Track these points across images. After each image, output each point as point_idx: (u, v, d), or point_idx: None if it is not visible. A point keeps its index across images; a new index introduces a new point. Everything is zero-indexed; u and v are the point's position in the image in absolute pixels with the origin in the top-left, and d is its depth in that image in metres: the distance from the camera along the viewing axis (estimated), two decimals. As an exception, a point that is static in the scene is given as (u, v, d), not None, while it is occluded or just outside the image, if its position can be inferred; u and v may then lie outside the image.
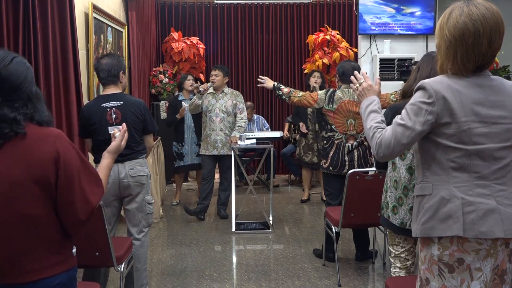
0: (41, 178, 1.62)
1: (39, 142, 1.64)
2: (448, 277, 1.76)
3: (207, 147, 5.36)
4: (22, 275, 1.64)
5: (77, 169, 1.68)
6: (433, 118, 1.75)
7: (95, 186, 1.74)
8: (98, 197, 1.74)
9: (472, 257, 1.74)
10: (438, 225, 1.75)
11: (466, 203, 1.73)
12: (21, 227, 1.62)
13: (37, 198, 1.63)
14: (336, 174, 4.00)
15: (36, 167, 1.61)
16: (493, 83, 1.79)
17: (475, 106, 1.74)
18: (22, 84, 1.65)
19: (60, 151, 1.64)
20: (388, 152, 1.84)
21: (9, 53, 1.68)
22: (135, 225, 3.31)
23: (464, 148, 1.74)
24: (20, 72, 1.66)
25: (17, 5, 3.10)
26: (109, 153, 2.04)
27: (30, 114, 1.66)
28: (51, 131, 1.69)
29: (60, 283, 1.70)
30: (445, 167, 1.77)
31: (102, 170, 1.92)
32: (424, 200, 1.81)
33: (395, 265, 2.71)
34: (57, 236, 1.70)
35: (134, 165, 3.23)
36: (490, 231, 1.71)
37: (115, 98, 3.22)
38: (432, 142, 1.79)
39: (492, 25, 1.72)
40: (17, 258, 1.63)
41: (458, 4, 1.78)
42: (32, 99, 1.68)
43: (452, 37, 1.74)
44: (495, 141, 1.75)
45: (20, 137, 1.62)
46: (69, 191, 1.66)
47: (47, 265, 1.67)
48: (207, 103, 5.32)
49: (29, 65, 1.72)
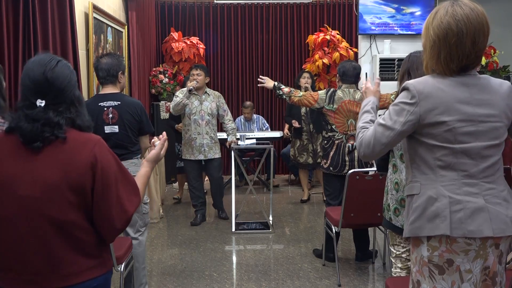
0: (77, 184, 1.60)
1: (78, 148, 1.63)
2: (438, 278, 1.75)
3: (192, 152, 5.15)
4: (60, 279, 1.63)
5: (115, 177, 1.66)
6: (415, 118, 1.75)
7: (133, 194, 1.72)
8: (135, 205, 1.72)
9: (461, 257, 1.72)
10: (425, 225, 1.74)
11: (453, 202, 1.72)
12: (56, 232, 1.61)
13: (72, 203, 1.61)
14: (336, 174, 4.00)
15: (73, 172, 1.60)
16: (479, 82, 1.78)
17: (460, 105, 1.73)
18: (66, 88, 1.65)
19: (98, 158, 1.63)
20: (368, 152, 1.85)
21: (54, 56, 1.69)
22: (131, 225, 3.31)
23: (449, 147, 1.73)
24: (65, 75, 1.66)
25: (17, 5, 3.10)
26: (148, 161, 1.97)
27: (72, 118, 1.66)
28: (90, 136, 1.68)
29: (97, 286, 1.69)
30: (432, 166, 1.76)
31: (140, 179, 1.88)
32: (413, 200, 1.81)
33: (396, 265, 2.71)
34: (92, 240, 1.68)
35: (129, 165, 3.21)
36: (478, 230, 1.70)
37: (113, 97, 3.23)
38: (418, 142, 1.79)
39: (476, 26, 1.71)
40: (54, 263, 1.62)
41: (444, 4, 1.78)
42: (75, 103, 1.69)
43: (436, 37, 1.74)
44: (482, 140, 1.74)
45: (60, 141, 1.61)
46: (105, 198, 1.64)
47: (84, 269, 1.66)
48: (191, 106, 5.11)
49: (73, 69, 1.73)
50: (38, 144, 1.60)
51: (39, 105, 1.61)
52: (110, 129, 3.20)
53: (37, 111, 1.60)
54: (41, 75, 1.62)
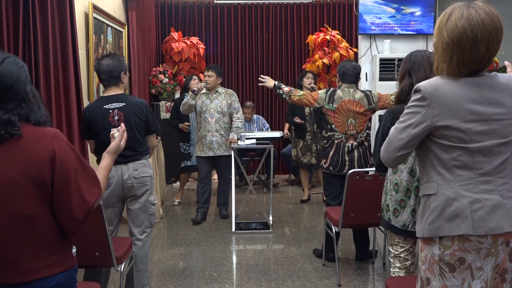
0: (36, 178, 1.61)
1: (35, 142, 1.63)
2: (449, 276, 1.76)
3: (203, 149, 5.28)
4: (19, 275, 1.63)
5: (74, 169, 1.67)
6: (427, 120, 1.75)
7: (93, 186, 1.73)
8: (96, 197, 1.73)
9: (473, 256, 1.74)
10: (444, 225, 1.75)
11: (473, 201, 1.73)
12: (17, 227, 1.62)
13: (33, 198, 1.62)
14: (336, 174, 4.00)
15: (31, 167, 1.61)
16: (489, 81, 1.78)
17: (472, 105, 1.74)
18: (14, 85, 1.64)
19: (56, 151, 1.64)
20: (385, 156, 1.87)
21: (1, 54, 1.67)
22: (137, 225, 3.31)
23: (465, 147, 1.74)
24: (12, 72, 1.64)
25: (17, 5, 3.10)
26: (108, 153, 2.03)
27: (26, 114, 1.65)
28: (47, 130, 1.68)
29: (58, 283, 1.68)
30: (449, 166, 1.77)
31: (100, 171, 1.91)
32: (430, 200, 1.81)
33: (394, 265, 2.72)
34: (54, 236, 1.69)
35: (138, 166, 3.22)
36: (499, 226, 1.72)
37: (117, 99, 3.21)
38: (433, 143, 1.79)
39: (490, 31, 1.70)
40: (14, 258, 1.63)
41: (459, 5, 1.76)
42: (27, 99, 1.67)
43: (449, 40, 1.73)
44: (495, 138, 1.75)
45: (16, 137, 1.61)
46: (65, 191, 1.65)
47: (44, 265, 1.66)
48: (201, 104, 5.24)
49: (22, 64, 1.70)
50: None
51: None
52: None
53: None
54: None
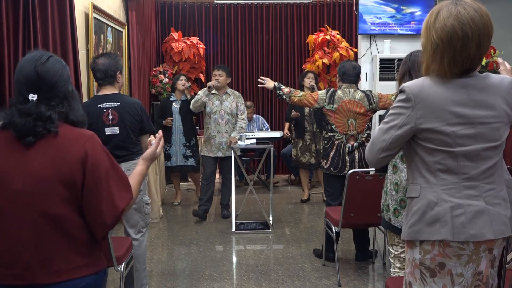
0: (68, 178, 1.61)
1: (71, 142, 1.64)
2: (429, 281, 1.73)
3: (211, 149, 5.37)
4: (49, 275, 1.63)
5: (106, 172, 1.66)
6: (411, 122, 1.70)
7: (124, 191, 1.71)
8: (126, 202, 1.71)
9: (453, 262, 1.70)
10: (425, 229, 1.71)
11: (455, 206, 1.68)
12: (47, 227, 1.62)
13: (63, 198, 1.62)
14: (337, 175, 4.00)
15: (64, 166, 1.61)
16: (479, 82, 1.71)
17: (458, 108, 1.67)
18: (58, 82, 1.68)
19: (89, 152, 1.64)
20: (369, 156, 1.83)
21: (45, 52, 1.72)
22: (133, 225, 3.31)
23: (449, 150, 1.68)
24: (56, 70, 1.69)
25: (17, 5, 3.10)
26: (144, 160, 1.96)
27: (65, 113, 1.67)
28: (83, 132, 1.69)
29: (87, 285, 1.68)
30: (432, 169, 1.72)
31: (134, 176, 1.88)
32: (412, 203, 1.77)
33: (394, 265, 2.71)
34: (85, 237, 1.68)
35: (131, 166, 3.20)
36: (480, 234, 1.67)
37: (112, 99, 3.20)
38: (418, 146, 1.75)
39: (481, 28, 1.64)
40: (45, 258, 1.62)
41: (446, 3, 1.69)
42: (68, 98, 1.70)
43: (439, 40, 1.66)
44: (482, 142, 1.69)
45: (52, 135, 1.63)
46: (96, 194, 1.64)
47: (74, 267, 1.66)
48: (211, 105, 5.32)
49: (65, 64, 1.76)
50: (30, 139, 1.61)
51: (31, 100, 1.63)
52: (110, 131, 3.18)
53: (29, 106, 1.63)
54: (32, 70, 1.65)
